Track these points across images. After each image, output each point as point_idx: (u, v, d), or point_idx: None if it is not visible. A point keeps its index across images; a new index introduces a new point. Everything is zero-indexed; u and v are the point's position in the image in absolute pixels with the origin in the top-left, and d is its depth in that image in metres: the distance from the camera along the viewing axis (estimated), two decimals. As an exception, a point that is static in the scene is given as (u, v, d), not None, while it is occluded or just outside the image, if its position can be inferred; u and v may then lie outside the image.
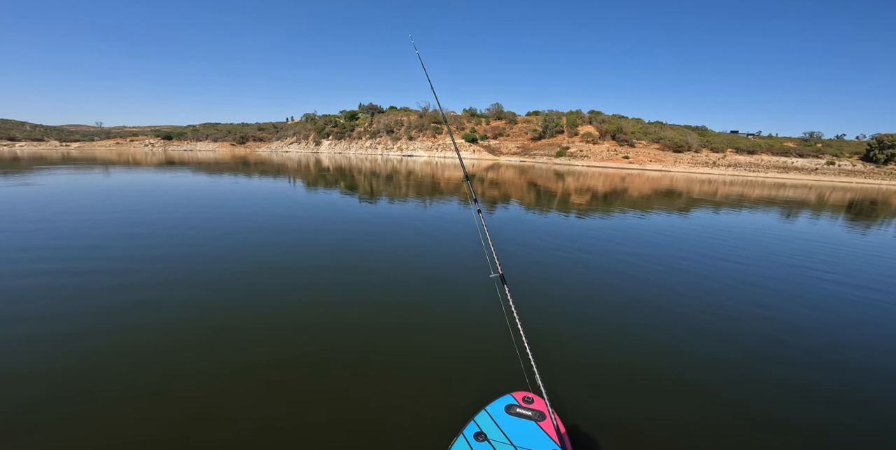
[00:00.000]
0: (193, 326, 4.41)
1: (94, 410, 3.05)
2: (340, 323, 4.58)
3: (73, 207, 11.18)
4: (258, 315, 4.73)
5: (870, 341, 4.71)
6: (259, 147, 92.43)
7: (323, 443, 2.81)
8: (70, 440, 2.76)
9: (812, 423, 3.25)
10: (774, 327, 4.94)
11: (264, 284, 5.75)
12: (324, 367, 3.72)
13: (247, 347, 4.01)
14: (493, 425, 2.46)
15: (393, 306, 5.14)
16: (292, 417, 3.04)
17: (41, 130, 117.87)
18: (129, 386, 3.31)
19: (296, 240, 8.43)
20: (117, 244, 7.46)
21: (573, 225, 11.29)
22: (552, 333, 4.52)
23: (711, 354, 4.25)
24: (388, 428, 2.95)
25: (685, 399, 3.45)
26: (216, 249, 7.34)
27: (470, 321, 4.76)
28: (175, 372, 3.55)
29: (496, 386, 3.18)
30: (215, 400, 3.21)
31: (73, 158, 43.98)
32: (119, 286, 5.39)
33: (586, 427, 2.99)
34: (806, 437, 3.08)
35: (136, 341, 4.03)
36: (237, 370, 3.60)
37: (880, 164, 47.50)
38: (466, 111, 77.15)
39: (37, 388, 3.26)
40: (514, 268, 6.85)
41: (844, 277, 7.20)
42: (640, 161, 51.41)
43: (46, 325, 4.27)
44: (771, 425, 3.17)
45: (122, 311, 4.67)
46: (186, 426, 2.91)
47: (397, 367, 3.76)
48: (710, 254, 8.40)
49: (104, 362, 3.65)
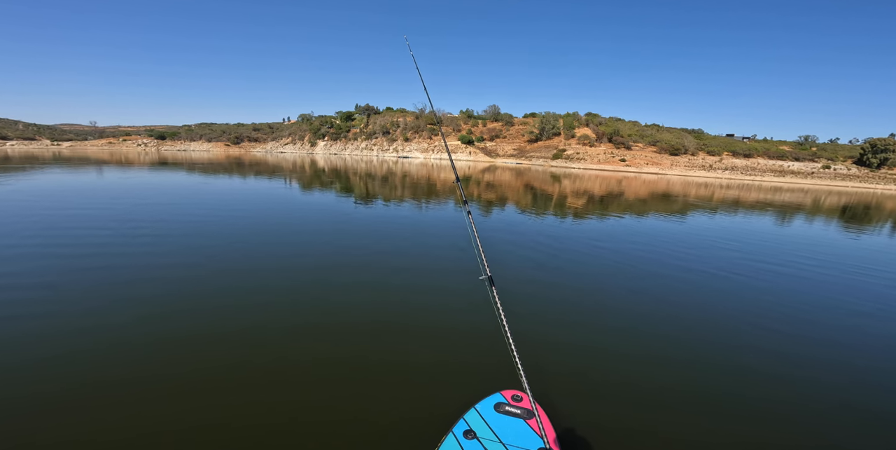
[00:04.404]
0: (182, 324, 4.40)
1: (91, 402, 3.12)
2: (329, 324, 4.58)
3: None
4: (248, 317, 4.67)
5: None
6: (254, 148, 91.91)
7: (312, 442, 2.80)
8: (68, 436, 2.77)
9: (802, 427, 3.25)
10: (764, 335, 4.83)
11: (254, 285, 5.66)
12: (314, 367, 3.72)
13: (239, 348, 3.99)
14: (483, 423, 2.49)
15: (384, 307, 5.15)
16: (282, 416, 3.03)
17: (34, 128, 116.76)
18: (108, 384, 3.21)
19: (289, 241, 8.29)
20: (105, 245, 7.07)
21: (567, 228, 11.15)
22: (540, 333, 4.55)
23: (695, 358, 4.25)
24: (378, 427, 2.96)
25: (668, 401, 3.48)
26: (203, 248, 7.11)
27: (460, 322, 4.77)
28: (166, 371, 3.53)
29: (485, 385, 3.24)
30: (207, 400, 3.18)
31: (61, 157, 43.35)
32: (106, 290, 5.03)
33: (573, 425, 3.03)
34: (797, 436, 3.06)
35: (125, 343, 3.91)
36: (230, 370, 3.59)
37: (874, 168, 47.79)
38: (463, 113, 77.07)
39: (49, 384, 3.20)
40: (507, 270, 6.87)
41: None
42: (637, 164, 51.40)
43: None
44: (751, 429, 3.17)
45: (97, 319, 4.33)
46: (179, 425, 2.90)
47: (387, 366, 3.77)
48: (703, 259, 8.21)
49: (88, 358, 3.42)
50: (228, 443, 2.76)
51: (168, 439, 2.77)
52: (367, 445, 2.79)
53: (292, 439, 2.80)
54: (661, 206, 17.44)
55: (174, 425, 2.88)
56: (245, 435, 2.82)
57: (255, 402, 3.17)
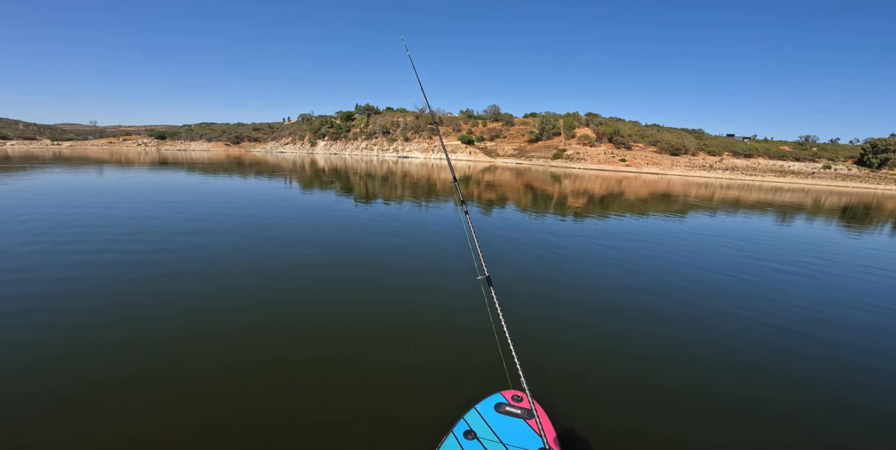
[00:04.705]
0: (182, 325, 4.38)
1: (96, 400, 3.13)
2: (329, 324, 4.57)
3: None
4: (249, 317, 4.66)
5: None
6: (254, 147, 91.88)
7: (312, 442, 2.79)
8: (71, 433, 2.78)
9: (804, 427, 3.22)
10: (765, 338, 4.77)
11: (254, 285, 5.65)
12: (312, 367, 3.69)
13: (239, 348, 3.97)
14: (483, 423, 2.48)
15: (384, 306, 5.14)
16: (281, 416, 3.02)
17: (34, 128, 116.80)
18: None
19: (289, 241, 8.27)
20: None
21: (567, 228, 11.11)
22: (540, 333, 4.54)
23: (695, 358, 4.23)
24: (378, 427, 2.95)
25: (669, 401, 3.46)
26: (203, 248, 7.07)
27: (459, 322, 4.75)
28: (166, 371, 3.52)
29: (485, 386, 3.21)
30: (207, 400, 3.17)
31: (61, 157, 43.32)
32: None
33: (573, 425, 3.02)
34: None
35: (124, 343, 3.83)
36: (230, 370, 3.58)
37: (874, 168, 47.74)
38: (463, 112, 77.00)
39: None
40: (507, 269, 6.87)
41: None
42: (637, 164, 51.37)
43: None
44: (753, 429, 3.14)
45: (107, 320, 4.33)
46: (180, 425, 2.89)
47: (387, 366, 3.75)
48: (704, 259, 8.19)
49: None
50: (228, 443, 2.74)
51: (168, 438, 2.75)
52: (367, 445, 2.77)
53: (292, 440, 2.79)
54: (661, 206, 17.40)
55: (175, 425, 2.87)
56: (245, 435, 2.81)
57: (254, 402, 3.16)
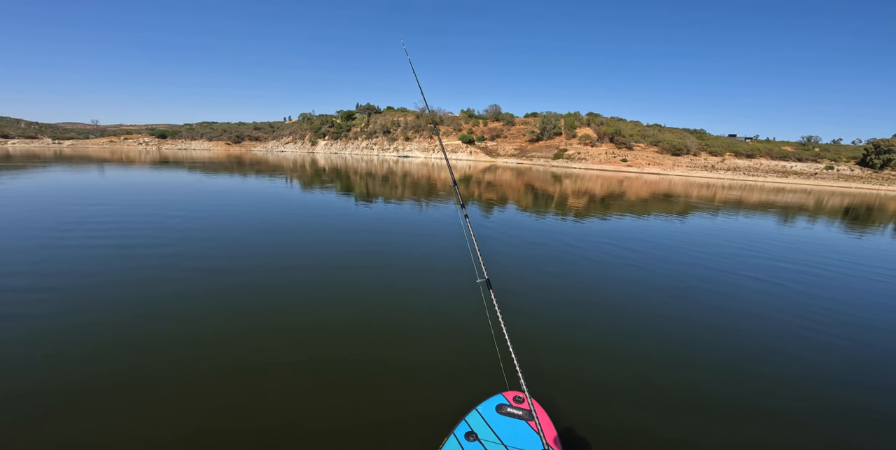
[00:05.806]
0: (182, 325, 4.34)
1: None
2: (329, 325, 4.53)
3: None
4: (248, 318, 4.62)
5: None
6: (255, 146, 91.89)
7: (312, 443, 2.77)
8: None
9: (806, 427, 3.20)
10: (765, 338, 4.76)
11: (253, 286, 5.61)
12: (313, 369, 3.67)
13: (239, 349, 3.95)
14: (484, 425, 2.47)
15: (385, 308, 5.10)
16: (281, 418, 3.00)
17: (35, 127, 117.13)
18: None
19: (289, 241, 8.23)
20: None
21: (567, 228, 11.07)
22: (541, 335, 4.52)
23: (696, 358, 4.22)
24: (379, 428, 2.94)
25: (669, 401, 3.45)
26: (203, 248, 7.04)
27: (460, 324, 4.71)
28: (164, 372, 3.49)
29: (486, 387, 3.22)
30: (206, 403, 3.14)
31: (62, 155, 43.34)
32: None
33: (574, 427, 3.00)
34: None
35: (124, 342, 3.78)
36: (229, 371, 3.55)
37: (877, 169, 47.54)
38: (464, 112, 76.88)
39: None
40: (507, 270, 6.81)
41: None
42: (639, 164, 51.23)
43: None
44: (754, 429, 3.13)
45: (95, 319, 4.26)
46: (178, 427, 2.86)
47: (388, 368, 3.73)
48: (705, 258, 8.12)
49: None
50: (227, 445, 2.71)
51: (168, 438, 2.72)
52: (367, 446, 2.75)
53: (292, 441, 2.76)
54: (663, 206, 17.33)
55: (173, 427, 2.84)
56: (244, 437, 2.78)
57: (254, 403, 3.13)
